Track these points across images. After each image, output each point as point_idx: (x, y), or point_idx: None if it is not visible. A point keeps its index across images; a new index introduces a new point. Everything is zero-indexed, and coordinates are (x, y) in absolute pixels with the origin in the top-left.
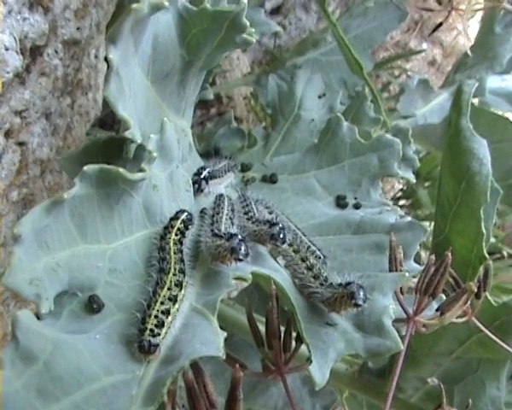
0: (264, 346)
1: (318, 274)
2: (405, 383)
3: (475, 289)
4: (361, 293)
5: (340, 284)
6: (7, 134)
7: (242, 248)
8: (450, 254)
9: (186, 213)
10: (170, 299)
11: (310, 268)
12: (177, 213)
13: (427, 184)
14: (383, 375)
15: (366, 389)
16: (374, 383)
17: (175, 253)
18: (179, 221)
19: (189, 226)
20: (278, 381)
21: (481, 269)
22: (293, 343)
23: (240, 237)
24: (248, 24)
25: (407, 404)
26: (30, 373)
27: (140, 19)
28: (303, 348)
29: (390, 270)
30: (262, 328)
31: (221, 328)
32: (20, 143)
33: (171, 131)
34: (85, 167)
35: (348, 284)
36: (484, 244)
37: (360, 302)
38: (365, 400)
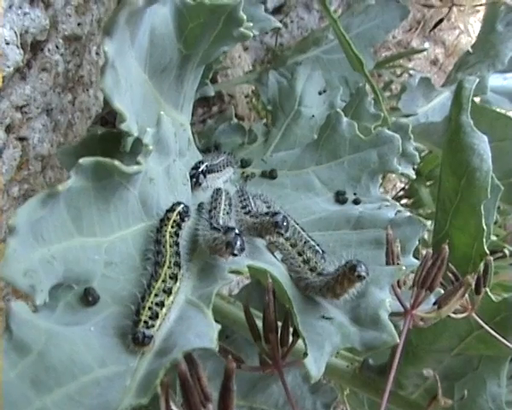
0: (260, 340)
1: (315, 267)
2: (406, 380)
3: (472, 282)
4: (362, 266)
5: (339, 266)
6: (8, 129)
7: (238, 242)
8: (447, 247)
9: (182, 206)
10: (164, 291)
11: (306, 262)
12: (172, 205)
13: (428, 183)
14: (384, 372)
15: (367, 386)
16: (375, 380)
17: (171, 246)
18: (175, 213)
19: (185, 218)
20: (278, 378)
21: (482, 265)
22: (291, 339)
23: (236, 231)
24: (245, 18)
25: (407, 401)
26: (24, 364)
27: (136, 11)
28: (302, 344)
29: (387, 263)
30: (261, 325)
31: (221, 325)
32: (21, 139)
33: (168, 125)
34: (81, 160)
35: (347, 262)
36: (484, 240)
37: (363, 274)
38: (366, 397)
